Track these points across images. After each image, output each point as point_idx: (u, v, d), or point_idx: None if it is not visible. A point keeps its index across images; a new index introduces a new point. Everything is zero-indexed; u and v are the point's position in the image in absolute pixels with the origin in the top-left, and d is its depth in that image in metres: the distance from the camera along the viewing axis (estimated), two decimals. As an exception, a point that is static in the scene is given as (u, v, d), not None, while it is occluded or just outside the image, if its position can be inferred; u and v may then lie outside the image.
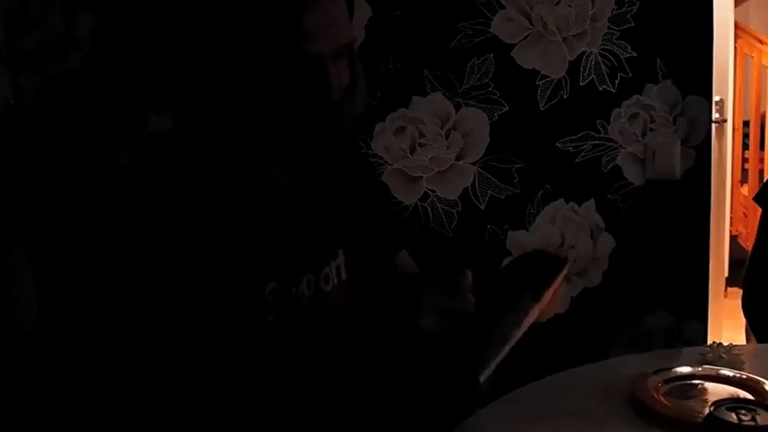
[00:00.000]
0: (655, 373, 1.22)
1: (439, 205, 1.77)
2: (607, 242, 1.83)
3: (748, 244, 3.72)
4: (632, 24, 1.76)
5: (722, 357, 1.27)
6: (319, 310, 1.04)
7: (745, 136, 3.86)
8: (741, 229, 3.81)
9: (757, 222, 1.67)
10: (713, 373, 1.22)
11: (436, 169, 1.75)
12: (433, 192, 1.76)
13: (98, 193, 1.46)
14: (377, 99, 1.71)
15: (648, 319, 1.86)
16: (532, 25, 1.73)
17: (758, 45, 3.71)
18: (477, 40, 1.72)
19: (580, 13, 1.74)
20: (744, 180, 3.93)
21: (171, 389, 0.96)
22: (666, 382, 1.20)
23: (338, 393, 0.98)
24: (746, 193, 3.76)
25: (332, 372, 0.99)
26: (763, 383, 1.15)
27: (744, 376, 1.19)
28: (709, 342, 1.33)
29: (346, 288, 1.08)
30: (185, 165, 0.98)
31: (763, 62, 3.76)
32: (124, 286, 0.95)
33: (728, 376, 1.20)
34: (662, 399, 1.14)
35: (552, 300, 1.03)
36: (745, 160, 3.91)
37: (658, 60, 1.78)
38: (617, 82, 1.78)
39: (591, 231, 1.82)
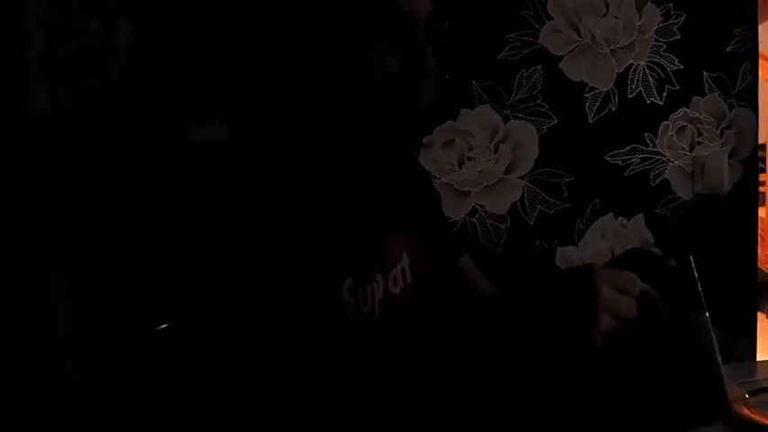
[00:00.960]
0: (739, 384, 1.17)
1: (488, 221, 1.71)
2: (657, 258, 1.78)
3: (767, 267, 3.70)
4: (679, 37, 1.74)
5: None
6: (390, 313, 0.99)
7: (761, 159, 3.87)
8: (759, 252, 3.79)
9: None
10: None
11: (485, 183, 1.70)
12: (482, 207, 1.71)
13: (140, 206, 1.39)
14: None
15: (699, 337, 1.81)
16: (580, 37, 1.70)
17: (762, 62, 3.73)
18: (526, 51, 1.68)
19: (627, 25, 1.72)
20: (761, 202, 3.94)
21: (247, 393, 0.90)
22: (753, 393, 1.15)
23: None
24: (764, 215, 3.76)
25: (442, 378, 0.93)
26: None
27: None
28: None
29: (411, 291, 1.04)
30: (254, 171, 0.93)
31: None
32: (187, 296, 0.89)
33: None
34: (750, 412, 1.09)
35: None
36: (761, 183, 3.92)
37: (705, 73, 1.76)
38: (665, 95, 1.75)
39: (641, 246, 1.77)
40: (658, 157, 1.76)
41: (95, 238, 1.47)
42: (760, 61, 3.28)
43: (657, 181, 1.77)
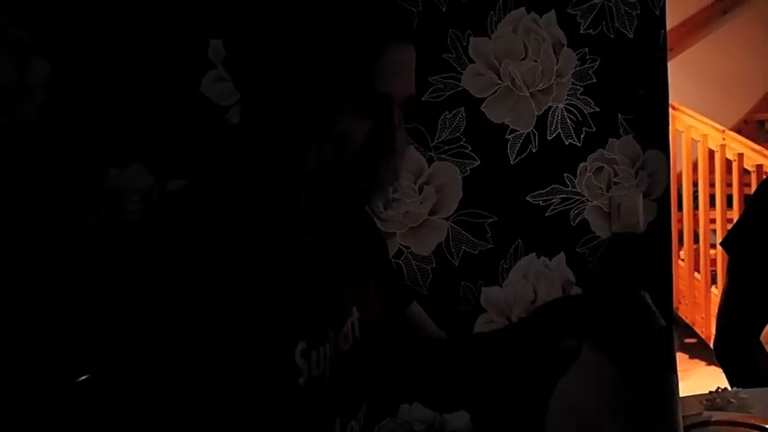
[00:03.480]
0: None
1: (413, 262, 1.71)
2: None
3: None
4: (594, 80, 1.80)
5: (731, 402, 1.25)
6: (339, 372, 0.97)
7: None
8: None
9: (725, 269, 1.70)
10: (727, 418, 1.21)
11: (410, 225, 1.70)
12: (407, 248, 1.71)
13: (77, 259, 1.32)
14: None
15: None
16: (501, 80, 1.74)
17: (672, 111, 3.90)
18: (448, 93, 1.71)
19: (546, 69, 1.77)
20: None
21: None
22: (686, 429, 1.17)
23: None
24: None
25: None
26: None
27: (758, 420, 1.18)
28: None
29: (360, 346, 1.02)
30: (202, 224, 0.89)
31: (677, 127, 3.97)
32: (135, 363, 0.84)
33: (746, 421, 1.19)
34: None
35: None
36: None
37: (619, 115, 1.82)
38: (582, 136, 1.80)
39: (563, 286, 1.80)
40: (577, 197, 1.81)
41: (12, 291, 1.39)
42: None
43: (577, 221, 1.81)
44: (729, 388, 1.57)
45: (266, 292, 0.87)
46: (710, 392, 1.27)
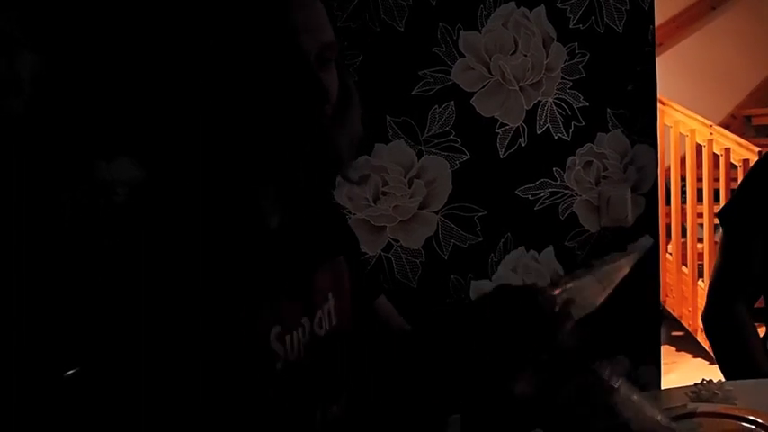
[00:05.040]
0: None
1: (403, 255, 1.72)
2: (567, 290, 1.83)
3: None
4: (584, 75, 1.81)
5: (716, 394, 1.26)
6: (317, 357, 0.97)
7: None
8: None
9: (719, 242, 1.68)
10: (712, 410, 1.21)
11: (400, 218, 1.71)
12: (397, 242, 1.71)
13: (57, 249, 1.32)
14: (339, 146, 1.66)
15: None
16: (491, 74, 1.74)
17: (660, 106, 3.92)
18: (438, 87, 1.71)
19: (535, 64, 1.77)
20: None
21: None
22: (672, 420, 1.18)
23: None
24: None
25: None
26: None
27: (743, 411, 1.19)
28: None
29: (337, 332, 1.02)
30: (165, 213, 0.90)
31: (665, 122, 3.98)
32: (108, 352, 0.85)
33: (731, 413, 1.20)
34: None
35: None
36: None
37: (608, 110, 1.83)
38: (571, 131, 1.81)
39: (552, 279, 1.81)
40: (566, 191, 1.81)
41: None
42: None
43: (566, 215, 1.82)
44: (717, 365, 1.58)
45: (232, 276, 0.87)
46: (696, 384, 1.28)
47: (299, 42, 0.84)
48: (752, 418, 1.14)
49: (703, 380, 1.31)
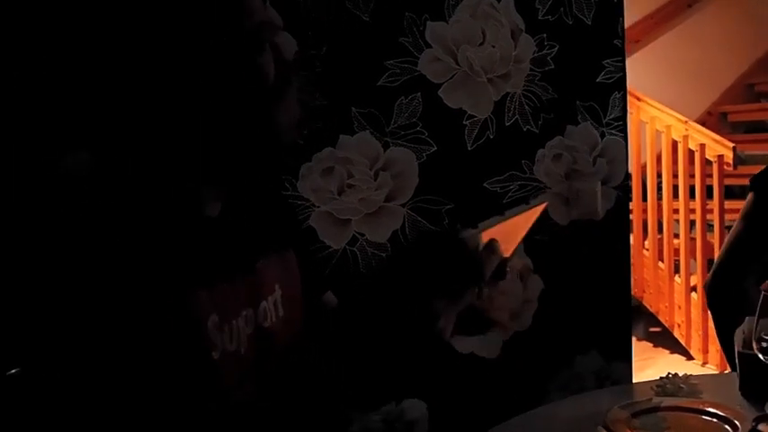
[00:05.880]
0: (622, 407, 1.18)
1: (368, 249, 1.69)
2: (536, 284, 1.81)
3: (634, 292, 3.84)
4: (552, 66, 1.79)
5: (682, 388, 1.25)
6: (260, 348, 0.96)
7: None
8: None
9: (743, 207, 1.65)
10: (677, 404, 1.20)
11: (365, 211, 1.68)
12: (362, 235, 1.68)
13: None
14: (302, 138, 1.62)
15: (579, 360, 1.85)
16: (458, 65, 1.72)
17: (636, 102, 3.92)
18: (405, 78, 1.68)
19: (504, 55, 1.75)
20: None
21: None
22: (635, 415, 1.16)
23: None
24: (632, 242, 3.91)
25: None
26: (735, 408, 1.13)
27: (707, 405, 1.17)
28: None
29: (284, 324, 1.01)
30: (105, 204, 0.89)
31: (642, 118, 3.98)
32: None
33: (695, 407, 1.18)
34: (636, 433, 1.10)
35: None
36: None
37: (578, 102, 1.81)
38: (540, 123, 1.79)
39: (520, 273, 1.79)
40: (536, 184, 1.79)
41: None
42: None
43: (535, 208, 1.79)
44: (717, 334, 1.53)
45: (163, 262, 0.85)
46: (661, 378, 1.26)
47: (231, 25, 0.84)
48: (714, 411, 1.13)
49: (669, 373, 1.29)
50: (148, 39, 0.85)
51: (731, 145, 3.63)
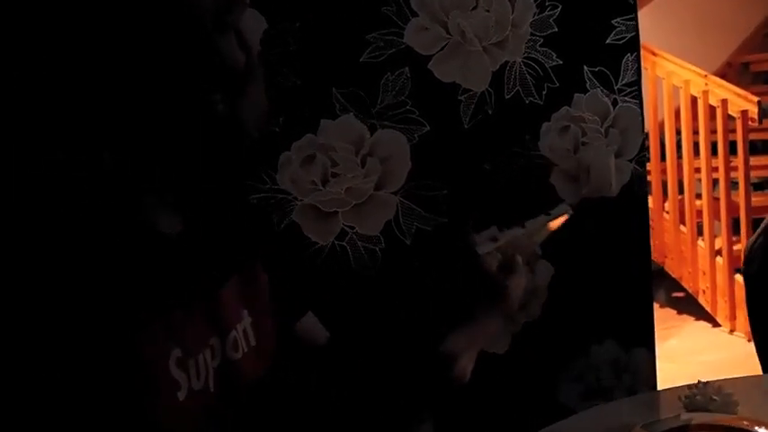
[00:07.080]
0: (643, 427, 1.04)
1: (359, 243, 1.54)
2: (546, 270, 1.66)
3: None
4: (556, 30, 1.62)
5: (714, 400, 1.09)
6: (229, 384, 0.85)
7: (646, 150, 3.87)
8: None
9: None
10: (709, 421, 1.05)
11: (353, 202, 1.53)
12: (352, 228, 1.53)
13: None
14: (279, 125, 1.47)
15: (595, 349, 1.70)
16: (449, 34, 1.55)
17: (651, 57, 3.72)
18: (390, 52, 1.52)
19: (500, 20, 1.58)
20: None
21: None
22: (663, 435, 1.01)
23: None
24: (651, 205, 3.75)
25: None
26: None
27: (745, 423, 1.02)
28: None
29: (256, 354, 0.90)
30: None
31: (657, 73, 3.78)
32: None
33: (727, 425, 1.03)
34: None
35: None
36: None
37: (586, 68, 1.64)
38: (544, 93, 1.62)
39: (527, 260, 1.63)
40: (541, 161, 1.64)
41: None
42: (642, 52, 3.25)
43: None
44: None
45: (111, 293, 0.75)
46: (690, 387, 1.11)
47: (190, 4, 0.75)
48: (756, 429, 0.98)
49: (699, 381, 1.14)
50: (76, 19, 0.74)
51: (755, 99, 3.42)
